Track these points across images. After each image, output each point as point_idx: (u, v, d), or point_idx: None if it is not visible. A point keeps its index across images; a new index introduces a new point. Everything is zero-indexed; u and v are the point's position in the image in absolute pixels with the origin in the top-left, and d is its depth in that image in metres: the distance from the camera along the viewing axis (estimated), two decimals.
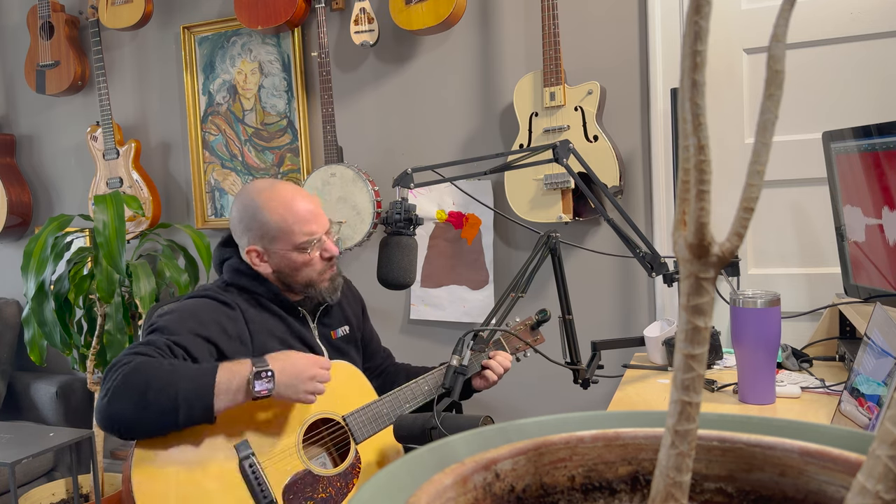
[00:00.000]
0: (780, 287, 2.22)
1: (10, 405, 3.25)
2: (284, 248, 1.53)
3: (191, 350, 1.39)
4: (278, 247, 1.54)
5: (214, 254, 1.67)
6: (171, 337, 1.39)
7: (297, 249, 1.53)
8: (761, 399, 1.42)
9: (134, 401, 1.28)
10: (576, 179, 1.59)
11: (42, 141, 3.41)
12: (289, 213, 1.53)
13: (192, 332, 1.41)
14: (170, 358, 1.36)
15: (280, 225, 1.52)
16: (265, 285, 1.57)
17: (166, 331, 1.41)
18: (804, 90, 2.22)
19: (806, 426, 0.46)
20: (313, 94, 2.86)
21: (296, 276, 1.56)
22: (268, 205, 1.53)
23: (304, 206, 1.54)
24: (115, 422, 1.29)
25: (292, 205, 1.53)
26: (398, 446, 1.59)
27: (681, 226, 0.36)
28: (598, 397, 2.35)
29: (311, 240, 1.54)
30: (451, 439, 0.46)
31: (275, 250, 1.54)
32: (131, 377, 1.29)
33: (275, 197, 1.54)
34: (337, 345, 1.69)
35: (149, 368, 1.31)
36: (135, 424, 1.30)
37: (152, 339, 1.39)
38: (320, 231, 1.55)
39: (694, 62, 0.34)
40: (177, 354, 1.37)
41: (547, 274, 2.42)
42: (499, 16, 2.56)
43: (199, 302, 1.50)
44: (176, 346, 1.38)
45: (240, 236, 1.59)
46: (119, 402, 1.28)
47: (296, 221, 1.52)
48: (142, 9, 2.91)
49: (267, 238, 1.54)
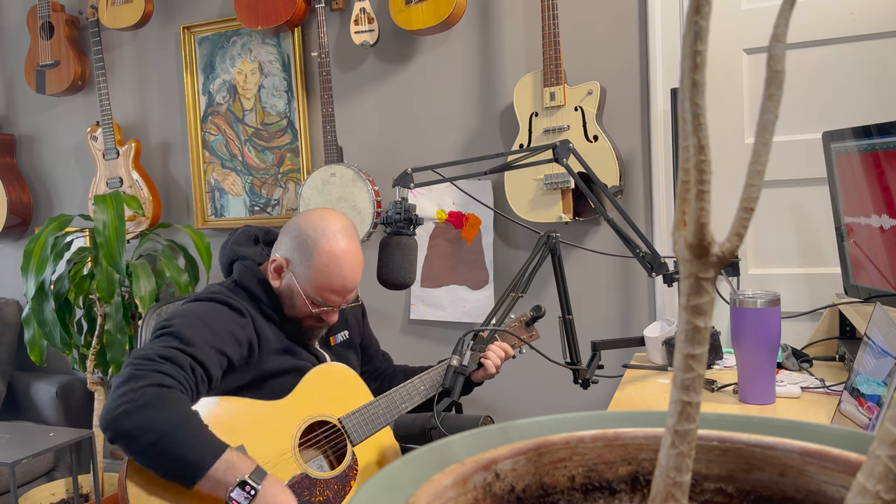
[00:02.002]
0: (780, 287, 2.22)
1: (10, 405, 3.25)
2: (300, 288, 1.54)
3: (208, 367, 1.39)
4: (297, 281, 1.54)
5: (225, 250, 1.65)
6: (189, 349, 1.38)
7: (308, 298, 1.54)
8: (761, 399, 1.42)
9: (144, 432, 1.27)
10: (576, 179, 1.59)
11: (42, 141, 3.41)
12: (328, 276, 1.52)
13: (207, 343, 1.41)
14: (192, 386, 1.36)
15: (315, 275, 1.52)
16: (270, 295, 1.58)
17: (184, 340, 1.39)
18: (804, 90, 2.22)
19: (806, 426, 0.46)
20: (313, 94, 2.86)
21: (288, 309, 1.58)
22: (323, 250, 1.52)
23: (346, 279, 1.54)
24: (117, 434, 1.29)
25: (338, 271, 1.53)
26: (395, 447, 1.59)
27: (681, 226, 0.36)
28: (598, 397, 2.35)
29: (324, 304, 1.55)
30: (451, 439, 0.46)
31: (293, 280, 1.55)
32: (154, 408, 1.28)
33: (333, 249, 1.52)
34: (336, 350, 1.70)
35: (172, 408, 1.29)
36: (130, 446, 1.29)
37: (174, 354, 1.36)
38: (338, 304, 1.57)
39: (694, 62, 0.34)
40: (196, 376, 1.37)
41: (547, 274, 2.42)
42: (499, 16, 2.56)
43: (210, 307, 1.49)
44: (196, 363, 1.38)
45: (281, 243, 1.58)
46: (133, 423, 1.27)
47: (327, 284, 1.53)
48: (142, 9, 2.91)
49: (298, 269, 1.54)
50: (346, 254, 1.54)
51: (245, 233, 1.67)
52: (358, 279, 1.58)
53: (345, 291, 1.55)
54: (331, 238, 1.53)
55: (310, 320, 1.59)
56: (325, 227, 1.54)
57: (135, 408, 1.27)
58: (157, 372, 1.32)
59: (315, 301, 1.54)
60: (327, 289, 1.53)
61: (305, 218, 1.57)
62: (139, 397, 1.28)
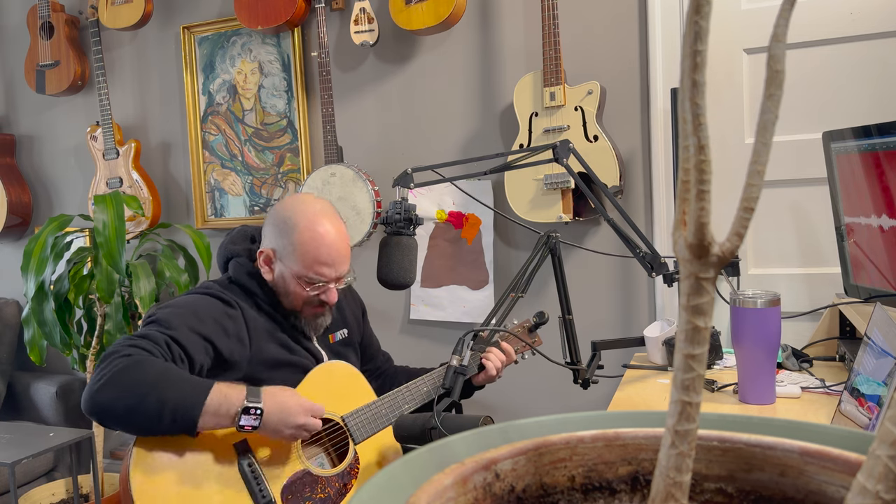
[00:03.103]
0: (780, 287, 2.22)
1: (10, 405, 3.25)
2: (292, 269, 1.53)
3: (188, 348, 1.39)
4: (289, 263, 1.54)
5: (221, 249, 1.66)
6: (168, 332, 1.38)
7: (300, 279, 1.54)
8: (761, 399, 1.42)
9: (124, 396, 1.27)
10: (576, 179, 1.59)
11: (42, 141, 3.41)
12: (314, 247, 1.52)
13: (190, 328, 1.41)
14: (167, 356, 1.36)
15: (301, 251, 1.52)
16: (265, 290, 1.57)
17: (164, 324, 1.40)
18: (804, 90, 2.22)
19: (806, 426, 0.46)
20: (313, 94, 2.86)
21: (284, 299, 1.57)
22: (304, 226, 1.52)
23: (331, 248, 1.53)
24: (100, 410, 1.29)
25: (323, 241, 1.52)
26: (397, 446, 1.59)
27: (681, 226, 0.36)
28: (598, 397, 2.35)
29: (317, 281, 1.54)
30: (451, 439, 0.46)
31: (286, 264, 1.54)
32: (127, 372, 1.29)
33: (314, 225, 1.53)
34: (335, 348, 1.69)
35: (146, 368, 1.30)
36: (119, 418, 1.29)
37: (150, 332, 1.38)
38: (331, 278, 1.55)
39: (694, 62, 0.34)
40: (174, 352, 1.37)
41: (547, 274, 2.42)
42: (499, 16, 2.56)
43: (200, 298, 1.50)
44: (173, 342, 1.37)
45: (267, 237, 1.59)
46: (109, 393, 1.28)
47: (315, 257, 1.52)
48: (142, 9, 2.91)
49: (286, 251, 1.54)
50: (328, 226, 1.54)
51: (241, 232, 1.68)
52: (346, 252, 1.56)
53: (335, 263, 1.54)
54: (310, 215, 1.54)
55: (310, 308, 1.58)
56: (303, 207, 1.55)
57: (108, 380, 1.28)
58: (129, 346, 1.33)
59: (309, 279, 1.53)
60: (316, 261, 1.52)
61: (283, 204, 1.59)
62: (111, 370, 1.29)
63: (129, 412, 1.28)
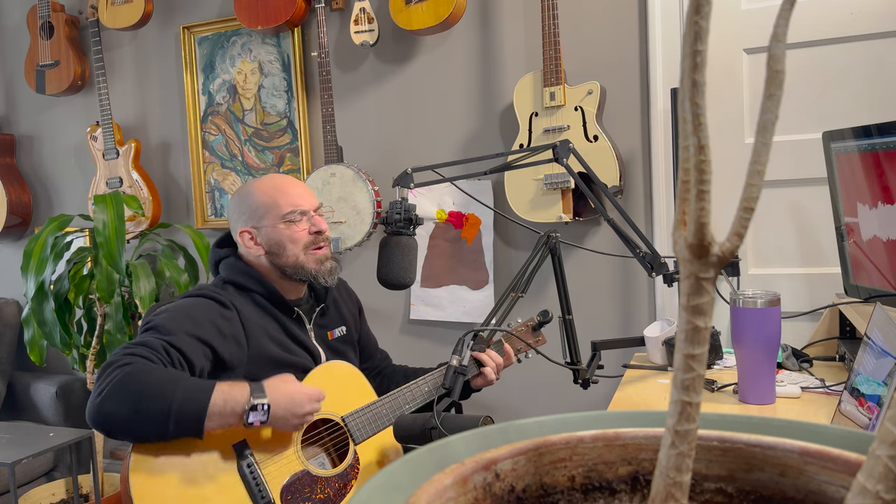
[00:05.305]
0: (780, 287, 2.22)
1: (10, 405, 3.25)
2: (272, 222, 1.57)
3: (186, 352, 1.39)
4: (266, 221, 1.57)
5: (210, 256, 1.68)
6: (166, 337, 1.38)
7: (283, 221, 1.57)
8: (761, 399, 1.42)
9: (128, 404, 1.27)
10: (576, 179, 1.59)
11: (42, 141, 3.41)
12: (275, 190, 1.60)
13: (187, 332, 1.41)
14: (167, 361, 1.36)
15: (267, 200, 1.58)
16: (261, 283, 1.57)
17: (162, 330, 1.40)
18: (804, 90, 2.22)
19: (806, 426, 0.46)
20: (313, 94, 2.86)
21: (284, 255, 1.57)
22: (258, 187, 1.62)
23: (291, 185, 1.62)
24: (105, 421, 1.29)
25: (280, 183, 1.62)
26: (397, 447, 1.59)
27: (681, 226, 0.36)
28: (598, 397, 2.35)
29: (295, 210, 1.57)
30: (451, 439, 0.46)
31: (263, 225, 1.58)
32: (128, 380, 1.28)
33: (265, 180, 1.63)
34: (334, 346, 1.69)
35: (147, 374, 1.30)
36: (124, 427, 1.29)
37: (148, 339, 1.38)
38: (306, 206, 1.60)
39: (694, 62, 0.34)
40: (172, 357, 1.37)
41: (547, 274, 2.42)
42: (499, 16, 2.56)
43: (195, 301, 1.50)
44: (171, 347, 1.37)
45: (234, 224, 1.62)
46: (112, 403, 1.28)
47: (282, 195, 1.59)
48: (142, 9, 2.91)
49: (256, 216, 1.58)
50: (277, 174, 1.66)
51: (223, 237, 1.71)
52: (308, 188, 1.65)
53: (303, 194, 1.61)
54: (260, 179, 1.65)
55: (312, 255, 1.59)
56: (250, 181, 1.67)
57: (110, 391, 1.28)
58: (127, 354, 1.33)
59: (290, 217, 1.57)
60: (286, 199, 1.58)
61: (232, 198, 1.67)
62: (111, 381, 1.29)
63: (134, 421, 1.28)
